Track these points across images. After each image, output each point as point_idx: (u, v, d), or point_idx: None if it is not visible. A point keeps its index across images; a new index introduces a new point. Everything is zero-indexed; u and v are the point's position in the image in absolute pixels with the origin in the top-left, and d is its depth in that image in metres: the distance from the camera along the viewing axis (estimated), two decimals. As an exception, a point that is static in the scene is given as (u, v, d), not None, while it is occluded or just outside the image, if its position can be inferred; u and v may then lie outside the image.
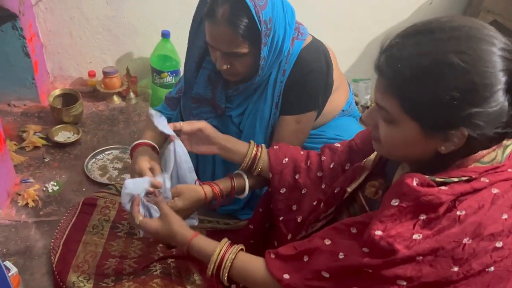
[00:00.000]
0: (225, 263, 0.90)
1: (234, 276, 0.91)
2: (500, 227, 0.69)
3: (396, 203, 0.72)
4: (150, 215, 1.03)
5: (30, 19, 1.71)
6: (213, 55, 1.17)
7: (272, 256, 0.88)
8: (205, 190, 1.12)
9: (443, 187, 0.71)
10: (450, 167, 0.74)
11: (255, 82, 1.20)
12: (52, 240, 1.25)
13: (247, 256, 0.92)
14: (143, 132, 1.29)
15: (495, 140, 0.71)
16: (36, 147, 1.61)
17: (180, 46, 1.84)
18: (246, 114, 1.28)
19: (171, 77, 1.87)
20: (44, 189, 1.45)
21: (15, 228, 1.31)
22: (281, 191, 1.08)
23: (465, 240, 0.68)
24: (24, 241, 1.27)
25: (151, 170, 1.09)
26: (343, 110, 1.45)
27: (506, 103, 0.67)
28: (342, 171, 1.02)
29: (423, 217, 0.71)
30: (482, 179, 0.71)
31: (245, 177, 1.16)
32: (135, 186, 1.01)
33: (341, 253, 0.78)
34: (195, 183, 1.13)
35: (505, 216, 0.69)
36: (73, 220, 1.30)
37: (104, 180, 1.51)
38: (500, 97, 0.66)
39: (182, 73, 1.87)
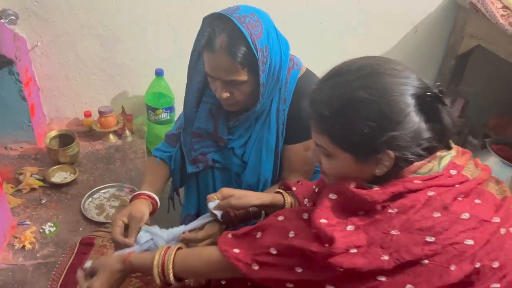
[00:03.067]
0: (167, 261, 0.93)
1: (179, 270, 0.93)
2: (429, 223, 0.74)
3: (334, 197, 0.81)
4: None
5: (26, 63, 1.75)
6: (213, 86, 1.20)
7: (229, 236, 0.92)
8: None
9: (375, 188, 0.79)
10: (389, 181, 0.81)
11: (256, 110, 1.23)
12: (49, 283, 1.24)
13: (187, 249, 0.98)
14: (143, 179, 1.33)
15: (424, 154, 0.79)
16: (33, 189, 1.61)
17: (174, 83, 1.88)
18: (249, 144, 1.29)
19: (166, 113, 1.90)
20: (41, 230, 1.44)
21: (12, 271, 1.29)
22: None
23: (393, 232, 0.74)
24: (21, 284, 1.25)
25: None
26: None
27: (423, 123, 0.77)
28: None
29: (361, 213, 0.78)
30: (415, 181, 0.77)
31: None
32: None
33: (291, 232, 0.83)
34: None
35: (437, 214, 0.74)
36: (70, 261, 1.29)
37: (101, 219, 1.51)
38: (414, 118, 0.76)
39: (176, 109, 1.92)
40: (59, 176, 1.68)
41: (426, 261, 0.72)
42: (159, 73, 1.85)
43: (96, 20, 1.78)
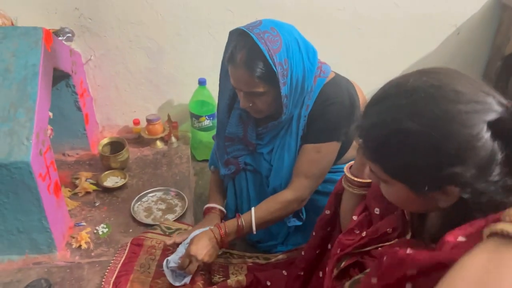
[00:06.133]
0: None
1: None
2: None
3: (464, 239, 0.59)
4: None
5: (81, 76, 1.88)
6: (238, 95, 1.28)
7: None
8: (215, 233, 1.27)
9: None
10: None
11: (283, 120, 1.27)
12: (103, 280, 1.33)
13: None
14: (211, 194, 1.53)
15: (499, 190, 0.62)
16: (87, 193, 1.73)
17: (215, 91, 1.91)
18: (274, 149, 1.35)
19: (209, 120, 1.98)
20: (95, 231, 1.55)
21: (70, 269, 1.40)
22: None
23: None
24: (78, 281, 1.36)
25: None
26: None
27: (497, 150, 0.61)
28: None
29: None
30: None
31: (253, 214, 1.28)
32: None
33: None
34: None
35: None
36: (122, 260, 1.38)
37: (149, 221, 1.60)
38: (487, 146, 0.61)
39: (218, 116, 2.00)
40: (111, 180, 1.79)
41: None
42: (202, 82, 1.93)
43: (143, 34, 1.89)
